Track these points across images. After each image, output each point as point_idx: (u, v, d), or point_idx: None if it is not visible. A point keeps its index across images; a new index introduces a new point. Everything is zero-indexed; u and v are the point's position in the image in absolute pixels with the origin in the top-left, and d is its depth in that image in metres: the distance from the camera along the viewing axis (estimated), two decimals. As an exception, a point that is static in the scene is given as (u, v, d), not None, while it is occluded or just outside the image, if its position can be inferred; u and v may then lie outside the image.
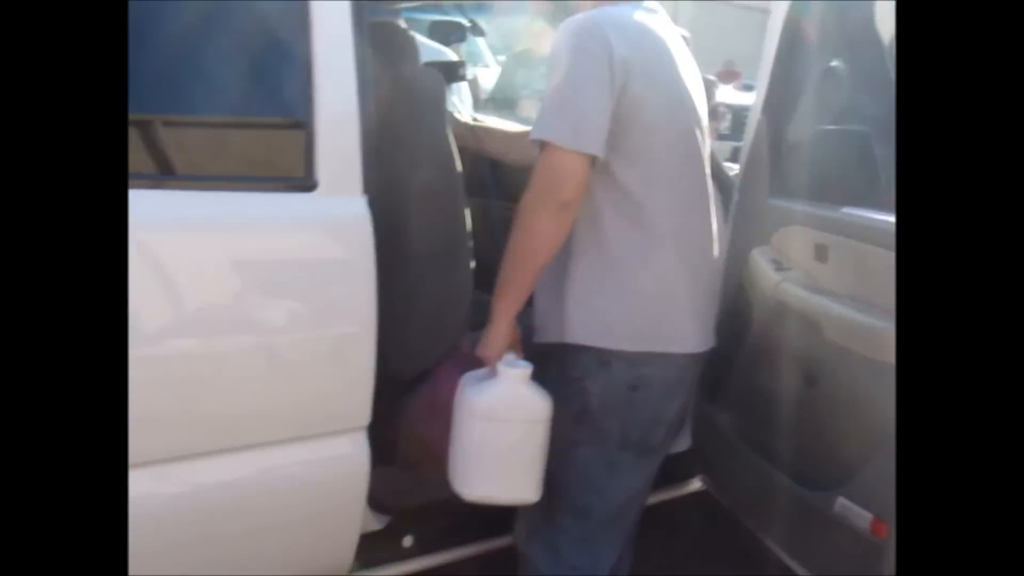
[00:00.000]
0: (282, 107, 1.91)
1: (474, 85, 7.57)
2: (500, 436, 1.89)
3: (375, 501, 2.13)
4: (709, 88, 4.82)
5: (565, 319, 1.89)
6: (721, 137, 4.72)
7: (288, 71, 1.86)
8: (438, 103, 2.20)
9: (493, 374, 1.90)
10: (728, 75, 11.13)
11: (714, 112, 4.60)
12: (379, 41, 2.15)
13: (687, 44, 2.03)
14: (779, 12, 2.40)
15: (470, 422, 1.90)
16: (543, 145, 1.75)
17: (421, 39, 5.21)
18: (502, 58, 10.18)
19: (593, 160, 1.75)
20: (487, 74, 9.90)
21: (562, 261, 1.87)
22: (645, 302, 1.86)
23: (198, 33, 1.79)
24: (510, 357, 1.90)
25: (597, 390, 1.88)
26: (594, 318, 1.86)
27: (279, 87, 1.89)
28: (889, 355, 1.80)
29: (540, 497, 1.95)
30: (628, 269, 1.85)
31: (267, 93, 1.89)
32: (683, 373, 1.94)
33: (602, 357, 1.86)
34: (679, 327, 1.90)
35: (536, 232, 1.79)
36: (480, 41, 10.34)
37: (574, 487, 1.95)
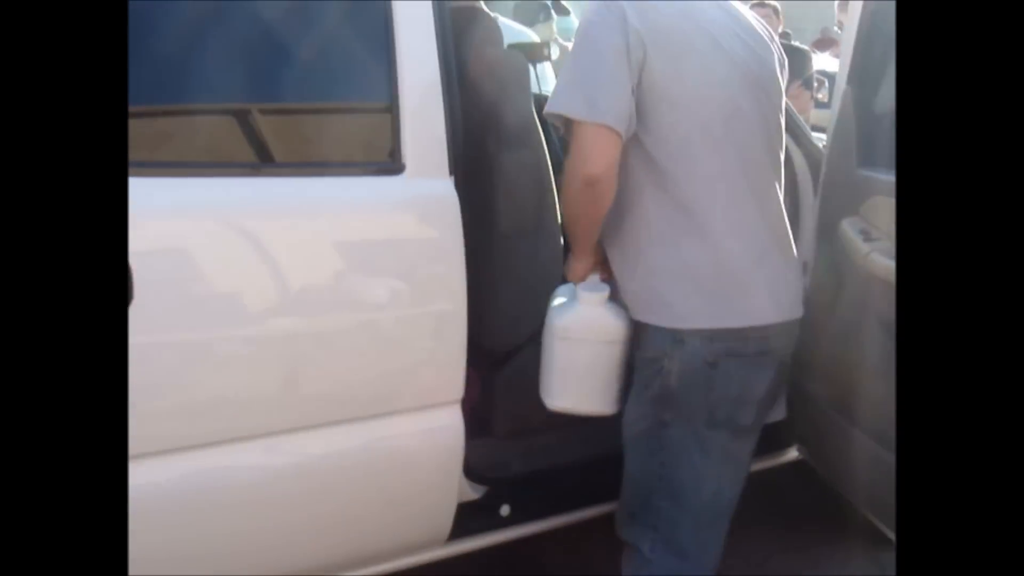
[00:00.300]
0: (368, 93, 1.98)
1: (562, 62, 7.55)
2: (577, 354, 1.98)
3: (471, 471, 2.19)
4: (803, 57, 4.74)
5: (631, 297, 1.92)
6: (819, 106, 4.62)
7: (373, 57, 1.91)
8: (522, 84, 2.23)
9: (575, 297, 1.98)
10: (824, 42, 10.80)
11: (809, 81, 4.51)
12: (462, 25, 2.20)
13: (776, 14, 2.02)
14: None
15: (551, 341, 2.00)
16: (570, 121, 1.76)
17: (505, 21, 5.24)
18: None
19: (619, 135, 1.73)
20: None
21: (620, 238, 1.90)
22: (697, 278, 1.84)
23: (286, 24, 1.87)
24: (592, 280, 1.98)
25: (675, 368, 1.87)
26: (653, 296, 1.87)
27: (364, 74, 1.95)
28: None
29: (617, 411, 2.02)
30: (672, 246, 1.85)
31: (353, 80, 1.96)
32: (764, 346, 1.91)
33: (676, 336, 1.85)
34: (744, 300, 1.87)
35: (572, 205, 1.85)
36: (573, 19, 10.30)
37: (668, 468, 1.95)
